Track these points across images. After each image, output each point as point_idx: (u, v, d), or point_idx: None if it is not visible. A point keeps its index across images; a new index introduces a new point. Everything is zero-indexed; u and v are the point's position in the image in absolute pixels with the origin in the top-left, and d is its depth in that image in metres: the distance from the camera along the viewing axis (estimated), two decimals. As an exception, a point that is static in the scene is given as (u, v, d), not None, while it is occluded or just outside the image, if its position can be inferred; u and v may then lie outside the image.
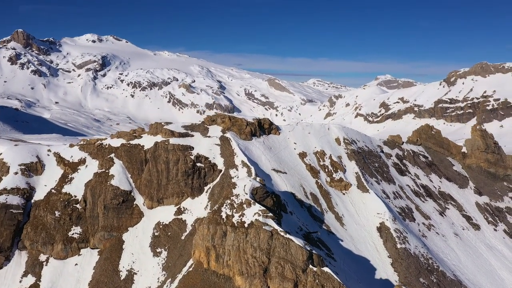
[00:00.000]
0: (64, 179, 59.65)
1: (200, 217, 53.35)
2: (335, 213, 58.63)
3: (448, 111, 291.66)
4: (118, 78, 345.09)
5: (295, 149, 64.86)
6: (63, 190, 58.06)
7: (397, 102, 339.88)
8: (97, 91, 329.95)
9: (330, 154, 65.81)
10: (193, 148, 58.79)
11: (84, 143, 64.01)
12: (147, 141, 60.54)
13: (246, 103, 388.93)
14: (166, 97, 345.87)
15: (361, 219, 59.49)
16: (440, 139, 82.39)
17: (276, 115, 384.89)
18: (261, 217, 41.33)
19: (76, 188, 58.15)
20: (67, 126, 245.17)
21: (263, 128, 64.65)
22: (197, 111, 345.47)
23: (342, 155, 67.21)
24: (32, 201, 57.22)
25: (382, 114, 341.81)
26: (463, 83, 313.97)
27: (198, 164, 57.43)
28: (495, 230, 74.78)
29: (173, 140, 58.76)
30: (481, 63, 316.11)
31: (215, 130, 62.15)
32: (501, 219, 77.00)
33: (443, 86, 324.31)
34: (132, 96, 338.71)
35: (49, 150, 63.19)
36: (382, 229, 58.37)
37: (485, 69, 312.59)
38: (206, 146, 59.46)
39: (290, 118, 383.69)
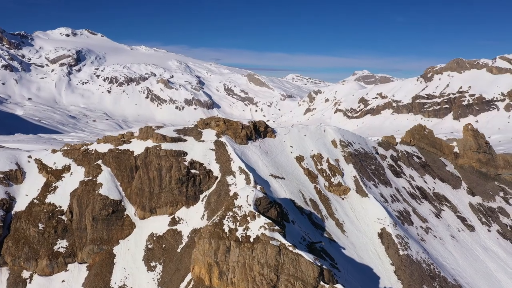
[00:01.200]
0: (47, 188, 55.55)
1: (196, 227, 50.44)
2: (335, 220, 56.65)
3: (425, 106, 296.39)
4: (94, 73, 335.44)
5: (291, 152, 62.48)
6: (47, 200, 54.00)
7: (376, 98, 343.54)
8: (72, 86, 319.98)
9: (328, 158, 63.75)
10: (186, 153, 55.62)
11: (68, 148, 59.89)
12: (137, 147, 56.99)
13: (225, 98, 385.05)
14: (144, 92, 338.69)
15: (362, 225, 57.73)
16: (432, 139, 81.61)
17: (256, 110, 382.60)
18: (267, 231, 38.80)
19: (60, 198, 54.18)
20: (42, 123, 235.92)
21: (259, 131, 62.01)
22: (176, 107, 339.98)
23: (339, 158, 65.26)
24: (13, 212, 53.01)
25: (361, 109, 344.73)
26: (439, 79, 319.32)
27: (193, 171, 54.35)
28: (489, 231, 74.53)
29: (165, 145, 55.41)
30: (457, 59, 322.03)
31: (209, 134, 59.10)
32: (494, 220, 76.86)
33: (420, 82, 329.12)
34: (109, 91, 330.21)
35: (29, 157, 58.81)
36: (383, 235, 56.76)
37: (461, 65, 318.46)
38: (200, 151, 56.39)
39: (270, 114, 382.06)
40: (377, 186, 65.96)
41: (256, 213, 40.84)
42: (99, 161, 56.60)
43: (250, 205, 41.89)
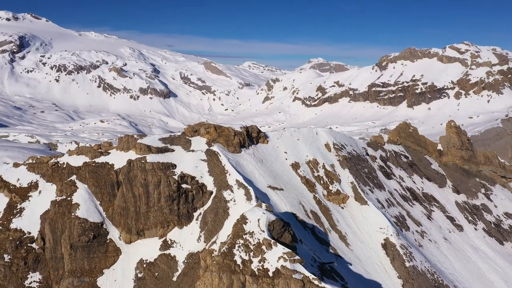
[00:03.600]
0: (11, 211, 47.52)
1: (193, 251, 44.89)
2: (338, 232, 53.02)
3: (381, 94, 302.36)
4: (40, 61, 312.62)
5: (286, 159, 57.90)
6: (12, 226, 46.10)
7: (333, 86, 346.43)
8: (15, 75, 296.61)
9: (323, 163, 59.81)
10: (175, 166, 49.45)
11: (34, 161, 51.72)
12: (117, 159, 50.01)
13: (182, 87, 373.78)
14: (95, 81, 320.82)
15: (365, 236, 54.55)
16: (417, 137, 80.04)
17: (214, 99, 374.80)
18: (288, 263, 34.16)
19: (29, 222, 46.44)
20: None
21: (251, 137, 56.78)
22: (131, 96, 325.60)
23: (334, 163, 61.54)
24: (-30, 241, 44.79)
25: (319, 97, 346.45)
26: (393, 68, 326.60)
27: (184, 186, 48.37)
28: (475, 229, 74.33)
29: (150, 157, 48.90)
30: (409, 48, 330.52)
31: (199, 143, 53.09)
32: (479, 217, 76.84)
33: (376, 71, 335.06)
34: (57, 80, 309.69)
35: (-14, 172, 50.19)
36: (387, 246, 53.91)
37: (413, 54, 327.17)
38: (190, 162, 50.38)
39: (228, 103, 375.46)
40: (372, 191, 63.07)
41: (272, 241, 36.03)
42: (73, 177, 49.13)
43: (263, 231, 36.98)
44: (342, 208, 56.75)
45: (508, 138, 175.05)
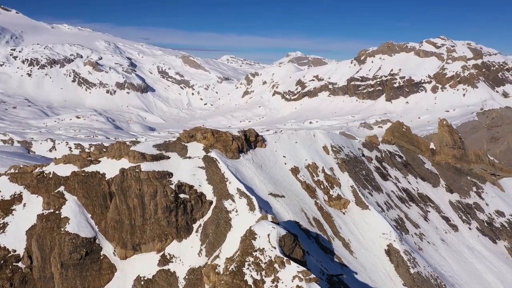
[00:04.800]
0: (-6, 226, 43.65)
1: (194, 266, 42.22)
2: (341, 239, 51.26)
3: (360, 88, 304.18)
4: (11, 55, 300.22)
5: (285, 163, 55.63)
6: (-5, 243, 42.33)
7: (313, 80, 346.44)
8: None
9: (323, 167, 57.87)
10: (172, 174, 46.46)
11: (17, 171, 47.74)
12: (109, 168, 46.61)
13: (160, 81, 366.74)
14: (70, 76, 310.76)
15: (368, 242, 53.00)
16: (410, 136, 79.15)
17: (193, 94, 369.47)
18: (304, 283, 31.99)
19: (14, 239, 42.72)
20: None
21: (249, 141, 54.20)
22: (107, 91, 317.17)
23: (333, 167, 59.69)
24: None
25: (299, 91, 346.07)
26: (372, 62, 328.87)
27: (182, 196, 45.48)
28: (469, 229, 74.15)
29: (145, 166, 45.73)
30: (387, 42, 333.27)
31: (196, 149, 50.15)
32: (472, 216, 76.73)
33: (354, 65, 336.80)
34: (29, 75, 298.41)
35: (-37, 184, 45.98)
36: (391, 252, 52.54)
37: (391, 48, 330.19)
38: (188, 170, 47.47)
39: (207, 97, 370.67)
40: (372, 194, 61.61)
41: (285, 258, 33.74)
42: (61, 188, 45.52)
43: (274, 247, 34.64)
44: (344, 213, 55.02)
45: (483, 131, 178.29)
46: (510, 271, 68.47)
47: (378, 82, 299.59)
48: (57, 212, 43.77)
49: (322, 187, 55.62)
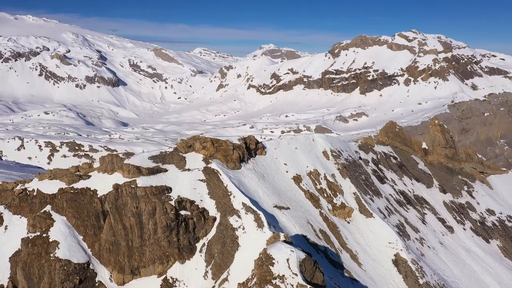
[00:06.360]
0: (-29, 253, 38.76)
1: (200, 291, 38.85)
2: (349, 251, 48.99)
3: (334, 81, 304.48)
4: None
5: (287, 171, 52.72)
6: (-26, 273, 37.55)
7: (287, 73, 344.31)
8: None
9: (324, 174, 55.33)
10: (170, 189, 42.69)
11: (-5, 189, 42.70)
12: (101, 183, 42.34)
13: (131, 75, 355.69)
14: (36, 69, 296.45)
15: (375, 252, 50.99)
16: (403, 136, 77.85)
17: (166, 87, 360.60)
18: (331, 314, 29.31)
19: (-4, 267, 38.08)
20: None
21: (249, 149, 50.89)
22: (77, 85, 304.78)
23: (335, 173, 57.28)
24: None
25: (274, 85, 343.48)
26: (346, 55, 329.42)
27: (183, 212, 41.83)
28: (464, 229, 73.78)
29: (141, 181, 41.72)
30: (361, 35, 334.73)
31: (195, 160, 46.41)
32: (466, 216, 76.46)
33: (329, 58, 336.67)
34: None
35: None
36: (398, 262, 50.75)
37: (365, 42, 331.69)
38: (187, 184, 43.76)
39: (181, 91, 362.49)
40: (373, 199, 59.70)
41: (308, 286, 30.96)
42: (47, 208, 40.96)
43: (296, 274, 31.73)
44: (348, 222, 52.75)
45: (455, 123, 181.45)
46: (505, 271, 68.50)
47: (352, 75, 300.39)
48: (44, 235, 39.30)
49: (325, 195, 53.10)
